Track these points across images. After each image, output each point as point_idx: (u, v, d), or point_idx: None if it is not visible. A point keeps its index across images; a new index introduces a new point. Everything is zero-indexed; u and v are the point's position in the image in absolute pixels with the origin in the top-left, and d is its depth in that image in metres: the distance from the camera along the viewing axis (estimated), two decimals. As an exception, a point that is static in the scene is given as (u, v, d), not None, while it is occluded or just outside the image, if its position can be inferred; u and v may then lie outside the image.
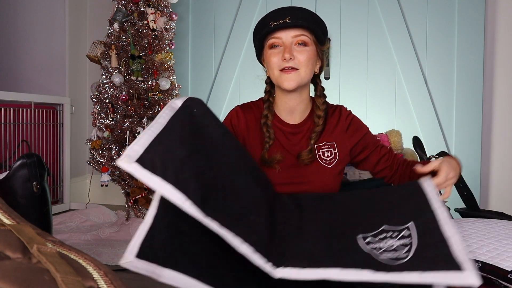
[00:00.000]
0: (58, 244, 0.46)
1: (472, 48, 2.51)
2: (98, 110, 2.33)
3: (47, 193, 1.38)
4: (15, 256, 0.41)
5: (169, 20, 2.41)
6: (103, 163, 2.30)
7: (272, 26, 1.14)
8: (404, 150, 1.85)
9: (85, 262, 0.44)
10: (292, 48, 1.14)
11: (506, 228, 1.09)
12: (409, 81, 2.61)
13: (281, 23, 1.13)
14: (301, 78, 1.15)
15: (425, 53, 2.59)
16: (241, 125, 1.22)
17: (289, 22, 1.12)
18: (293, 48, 1.14)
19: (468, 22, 2.52)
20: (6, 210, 0.50)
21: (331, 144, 1.21)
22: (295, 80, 1.14)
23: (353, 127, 1.25)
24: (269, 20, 1.16)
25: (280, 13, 1.16)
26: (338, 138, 1.22)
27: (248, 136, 1.22)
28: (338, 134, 1.23)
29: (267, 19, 1.17)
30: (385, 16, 2.63)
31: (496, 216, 1.48)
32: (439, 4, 2.56)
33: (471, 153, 2.52)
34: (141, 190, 2.25)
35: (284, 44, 1.14)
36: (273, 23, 1.14)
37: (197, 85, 2.96)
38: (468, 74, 2.53)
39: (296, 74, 1.14)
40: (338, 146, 1.22)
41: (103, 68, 2.36)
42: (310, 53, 1.15)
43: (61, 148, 2.82)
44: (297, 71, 1.14)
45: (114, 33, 2.32)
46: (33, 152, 2.27)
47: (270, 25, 1.14)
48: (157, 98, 2.31)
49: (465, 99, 2.53)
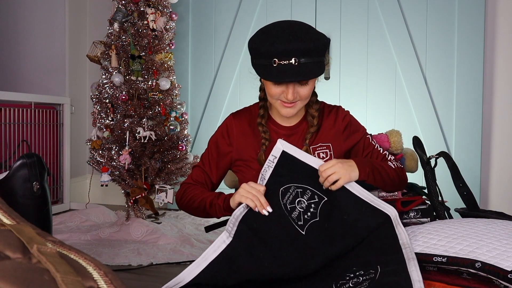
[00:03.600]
0: (58, 244, 0.46)
1: (472, 48, 2.51)
2: (98, 110, 2.33)
3: (47, 193, 1.38)
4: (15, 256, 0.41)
5: (169, 20, 2.41)
6: (103, 163, 2.30)
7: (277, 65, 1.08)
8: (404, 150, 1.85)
9: (85, 262, 0.44)
10: (295, 89, 1.12)
11: (506, 228, 1.09)
12: (409, 81, 2.61)
13: (287, 65, 1.07)
14: (299, 107, 1.17)
15: (425, 53, 2.59)
16: (234, 133, 1.24)
17: (296, 66, 1.07)
18: (295, 87, 1.12)
19: (468, 22, 2.52)
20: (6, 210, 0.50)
21: (327, 145, 1.22)
22: (294, 111, 1.17)
23: (349, 129, 1.25)
24: (273, 53, 1.08)
25: (286, 48, 1.07)
26: (334, 140, 1.23)
27: (243, 141, 1.24)
28: (334, 136, 1.23)
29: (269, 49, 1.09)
30: (385, 16, 2.63)
31: (496, 216, 1.48)
32: (439, 4, 2.56)
33: (471, 153, 2.52)
34: (141, 190, 2.25)
35: (288, 86, 1.11)
36: (278, 62, 1.08)
37: (197, 85, 2.96)
38: (468, 74, 2.53)
39: (296, 106, 1.15)
40: (333, 147, 1.22)
41: (103, 68, 2.36)
42: (311, 86, 1.15)
43: (61, 148, 2.82)
44: (297, 103, 1.15)
45: (114, 33, 2.32)
46: (33, 152, 2.27)
47: (274, 62, 1.08)
48: (157, 98, 2.31)
49: (465, 99, 2.53)
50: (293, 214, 1.05)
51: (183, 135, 2.42)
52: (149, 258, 1.89)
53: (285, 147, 1.13)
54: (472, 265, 0.94)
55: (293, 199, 1.07)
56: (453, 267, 0.98)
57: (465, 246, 1.01)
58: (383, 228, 1.05)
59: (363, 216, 1.06)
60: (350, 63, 2.69)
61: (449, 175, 1.65)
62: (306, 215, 1.05)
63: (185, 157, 2.41)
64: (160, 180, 2.35)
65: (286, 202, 1.07)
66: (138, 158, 2.29)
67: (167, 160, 2.34)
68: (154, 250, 1.99)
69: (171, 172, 2.35)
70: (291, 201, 1.07)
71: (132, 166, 2.28)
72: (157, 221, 2.39)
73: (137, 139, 2.24)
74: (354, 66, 2.69)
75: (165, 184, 2.34)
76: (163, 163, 2.34)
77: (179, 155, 2.38)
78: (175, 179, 2.41)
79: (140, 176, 2.30)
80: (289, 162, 1.12)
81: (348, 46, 2.68)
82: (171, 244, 2.10)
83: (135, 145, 2.24)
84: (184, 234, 2.25)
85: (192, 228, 2.38)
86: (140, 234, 2.19)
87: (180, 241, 2.15)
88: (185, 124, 2.47)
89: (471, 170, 2.48)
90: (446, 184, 1.86)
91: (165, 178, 2.35)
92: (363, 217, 1.06)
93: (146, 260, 1.85)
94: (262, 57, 1.11)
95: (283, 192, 1.07)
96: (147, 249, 2.02)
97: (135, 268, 1.79)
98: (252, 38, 1.14)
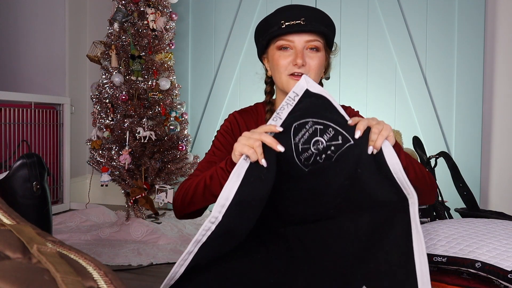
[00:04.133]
0: (58, 244, 0.46)
1: (472, 48, 2.51)
2: (98, 110, 2.33)
3: (47, 193, 1.38)
4: (15, 256, 0.41)
5: (169, 20, 2.42)
6: (103, 163, 2.30)
7: (285, 26, 1.05)
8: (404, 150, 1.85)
9: (85, 262, 0.44)
10: (304, 53, 1.06)
11: (506, 228, 1.09)
12: (409, 81, 2.61)
13: (295, 24, 1.04)
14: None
15: (425, 53, 2.59)
16: (241, 129, 1.18)
17: (304, 25, 1.04)
18: (305, 53, 1.07)
19: (468, 22, 2.52)
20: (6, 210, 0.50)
21: None
22: None
23: None
24: (280, 18, 1.06)
25: (294, 12, 1.07)
26: None
27: None
28: None
29: (277, 17, 1.07)
30: (385, 16, 2.63)
31: (496, 216, 1.48)
32: (439, 4, 2.56)
33: (471, 153, 2.52)
34: (141, 190, 2.25)
35: (296, 48, 1.06)
36: (285, 23, 1.05)
37: (197, 85, 2.96)
38: (468, 74, 2.53)
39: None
40: None
41: (103, 68, 2.36)
42: (321, 59, 1.10)
43: (61, 148, 2.82)
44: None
45: (114, 33, 2.32)
46: (33, 152, 2.27)
47: (282, 24, 1.05)
48: (157, 98, 2.31)
49: (465, 99, 2.53)
50: (302, 155, 0.86)
51: (183, 135, 2.42)
52: (149, 258, 1.89)
53: (310, 85, 0.92)
54: (472, 265, 0.94)
55: (309, 138, 0.86)
56: (453, 267, 0.98)
57: (465, 246, 1.01)
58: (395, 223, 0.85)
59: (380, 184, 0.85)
60: (350, 63, 2.69)
61: (449, 175, 1.65)
62: (319, 157, 0.86)
63: (185, 157, 2.41)
64: (160, 180, 2.35)
65: (298, 142, 0.86)
66: (138, 158, 2.29)
67: (167, 160, 2.35)
68: (154, 250, 1.99)
69: (171, 172, 2.35)
70: (306, 140, 0.86)
71: (132, 166, 2.28)
72: (157, 221, 2.39)
73: (137, 139, 2.24)
74: (354, 66, 2.69)
75: (165, 184, 2.34)
76: (163, 163, 2.34)
77: (179, 155, 2.38)
78: (175, 179, 2.41)
79: (140, 176, 2.30)
80: (313, 100, 0.90)
81: (348, 46, 2.68)
82: (171, 244, 2.10)
83: (135, 145, 2.24)
84: (184, 234, 2.25)
85: (192, 228, 2.38)
86: (140, 234, 2.19)
87: (180, 241, 2.15)
88: (185, 124, 2.47)
89: (471, 170, 2.48)
90: (446, 184, 1.87)
91: (165, 178, 2.35)
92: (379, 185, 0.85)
93: (146, 260, 1.85)
94: (270, 25, 1.08)
95: (296, 128, 0.86)
96: (147, 249, 2.02)
97: (135, 268, 1.79)
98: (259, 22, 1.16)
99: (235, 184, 0.81)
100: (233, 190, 0.80)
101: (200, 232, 0.81)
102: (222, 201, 0.81)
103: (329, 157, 0.86)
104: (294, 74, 1.06)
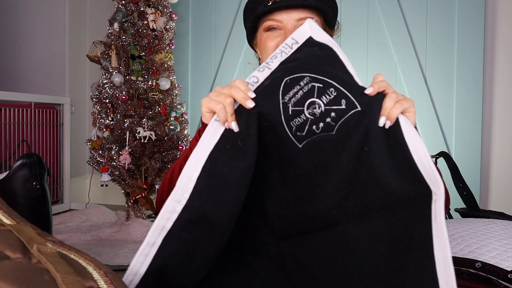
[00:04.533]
0: (58, 244, 0.46)
1: (472, 48, 2.51)
2: (98, 110, 2.33)
3: (47, 193, 1.38)
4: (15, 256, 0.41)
5: (169, 20, 2.42)
6: (103, 163, 2.30)
7: (271, 3, 0.90)
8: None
9: (85, 262, 0.44)
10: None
11: (506, 228, 1.09)
12: (409, 81, 2.61)
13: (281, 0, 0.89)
14: None
15: (425, 53, 2.59)
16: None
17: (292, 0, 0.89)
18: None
19: (468, 22, 2.52)
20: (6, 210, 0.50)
21: None
22: None
23: None
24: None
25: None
26: None
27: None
28: None
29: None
30: (385, 17, 2.63)
31: (496, 216, 1.48)
32: (439, 4, 2.56)
33: (471, 153, 2.52)
34: (141, 190, 2.25)
35: (285, 28, 0.91)
36: (271, 1, 0.91)
37: (197, 85, 2.97)
38: (468, 74, 2.53)
39: None
40: None
41: (103, 68, 2.36)
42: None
43: (61, 148, 2.82)
44: None
45: (114, 33, 2.32)
46: (33, 152, 2.27)
47: (268, 1, 0.91)
48: (157, 98, 2.31)
49: (465, 99, 2.54)
50: (293, 121, 0.65)
51: (183, 135, 2.42)
52: (149, 258, 1.89)
53: (315, 32, 0.72)
54: (472, 265, 0.94)
55: (303, 98, 0.65)
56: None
57: (465, 246, 1.01)
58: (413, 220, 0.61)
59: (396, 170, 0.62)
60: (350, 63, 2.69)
61: (449, 175, 1.65)
62: (315, 126, 0.65)
63: (185, 157, 2.41)
64: (160, 180, 2.35)
65: (288, 101, 0.65)
66: (138, 158, 2.29)
67: (167, 160, 2.35)
68: (154, 250, 1.99)
69: (171, 172, 2.35)
70: (299, 100, 0.65)
71: (132, 166, 2.28)
72: (157, 221, 2.39)
73: (137, 139, 2.24)
74: (354, 66, 2.67)
75: (165, 184, 2.34)
76: (163, 163, 2.34)
77: (179, 155, 2.38)
78: (175, 179, 2.41)
79: (140, 176, 2.30)
80: (315, 51, 0.70)
81: (348, 46, 2.68)
82: (171, 244, 2.10)
83: (135, 145, 2.24)
84: (184, 234, 2.25)
85: (192, 228, 2.38)
86: (140, 234, 2.19)
87: (180, 241, 2.15)
88: (185, 124, 2.47)
89: (471, 170, 2.48)
90: (446, 184, 1.87)
91: (165, 178, 2.35)
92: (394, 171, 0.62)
93: (146, 260, 1.85)
94: (257, 4, 0.95)
95: (287, 84, 0.65)
96: (147, 249, 2.01)
97: (135, 268, 1.79)
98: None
99: (206, 150, 0.62)
100: (203, 157, 0.61)
101: (163, 215, 0.59)
102: (188, 171, 0.60)
103: (328, 128, 0.65)
104: None
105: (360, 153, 0.64)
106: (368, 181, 0.65)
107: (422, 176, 0.60)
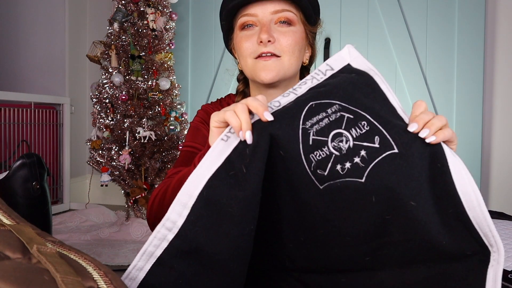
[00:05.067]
0: (58, 244, 0.46)
1: (472, 48, 2.52)
2: (98, 110, 2.33)
3: (47, 193, 1.38)
4: (15, 256, 0.41)
5: (169, 20, 2.42)
6: (103, 163, 2.30)
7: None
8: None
9: (85, 262, 0.44)
10: (271, 28, 0.82)
11: (506, 228, 1.09)
12: (409, 81, 2.61)
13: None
14: (284, 68, 0.83)
15: (425, 53, 2.59)
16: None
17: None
18: (273, 28, 0.83)
19: (468, 22, 2.52)
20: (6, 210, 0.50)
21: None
22: (276, 69, 0.82)
23: None
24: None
25: None
26: None
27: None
28: None
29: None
30: (385, 16, 2.63)
31: (496, 216, 1.48)
32: (439, 4, 2.56)
33: (471, 153, 2.52)
34: (141, 190, 2.25)
35: (261, 23, 0.83)
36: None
37: (197, 85, 2.96)
38: (468, 74, 2.53)
39: (277, 61, 0.82)
40: None
41: (103, 68, 2.36)
42: (296, 36, 0.84)
43: (61, 148, 2.82)
44: (278, 58, 0.83)
45: (114, 33, 2.32)
46: (33, 152, 2.27)
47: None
48: (157, 98, 2.31)
49: (465, 99, 2.54)
50: (313, 154, 0.54)
51: (183, 135, 2.42)
52: (149, 258, 1.89)
53: (355, 58, 0.62)
54: (472, 265, 0.94)
55: (328, 126, 0.54)
56: (453, 267, 0.98)
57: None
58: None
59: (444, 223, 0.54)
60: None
61: (449, 175, 1.65)
62: (340, 165, 0.53)
63: (185, 157, 2.41)
64: (160, 180, 2.35)
65: (310, 128, 0.54)
66: (138, 158, 2.29)
67: (167, 160, 2.35)
68: (154, 250, 1.99)
69: (171, 172, 2.35)
70: (323, 128, 0.54)
71: (132, 166, 2.28)
72: (157, 221, 2.39)
73: (137, 139, 2.24)
74: (354, 66, 2.68)
75: (165, 184, 2.34)
76: (163, 163, 2.34)
77: (179, 155, 2.38)
78: (175, 179, 2.41)
79: (140, 176, 2.30)
80: (352, 78, 0.60)
81: (348, 46, 2.68)
82: (171, 244, 2.10)
83: (135, 145, 2.24)
84: (184, 234, 2.25)
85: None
86: (140, 234, 2.19)
87: (180, 241, 2.15)
88: (185, 124, 2.47)
89: (471, 170, 2.47)
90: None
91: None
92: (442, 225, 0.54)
93: (146, 260, 1.85)
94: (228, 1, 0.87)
95: (312, 108, 0.55)
96: (147, 249, 2.02)
97: (135, 268, 1.79)
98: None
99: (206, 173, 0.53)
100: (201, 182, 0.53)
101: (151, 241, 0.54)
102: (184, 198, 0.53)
103: (356, 171, 0.53)
104: (262, 55, 0.82)
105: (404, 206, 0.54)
106: (412, 236, 0.55)
107: (479, 235, 0.54)
